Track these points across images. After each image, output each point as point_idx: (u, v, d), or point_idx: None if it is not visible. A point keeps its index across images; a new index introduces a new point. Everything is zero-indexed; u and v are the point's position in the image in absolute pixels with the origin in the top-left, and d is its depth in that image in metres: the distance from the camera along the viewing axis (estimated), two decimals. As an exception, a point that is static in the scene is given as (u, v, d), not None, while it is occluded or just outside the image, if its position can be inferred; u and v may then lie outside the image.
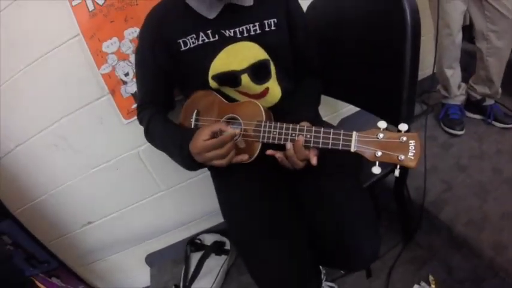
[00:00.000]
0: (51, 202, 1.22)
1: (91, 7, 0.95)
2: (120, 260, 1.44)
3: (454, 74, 1.37)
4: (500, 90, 1.34)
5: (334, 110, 1.46)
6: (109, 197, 1.26)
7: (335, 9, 0.95)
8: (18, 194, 1.18)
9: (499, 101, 1.40)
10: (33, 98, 1.05)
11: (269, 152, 0.68)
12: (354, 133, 0.59)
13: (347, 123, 1.41)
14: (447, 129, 1.40)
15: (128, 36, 1.00)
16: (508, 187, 1.07)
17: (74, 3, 0.94)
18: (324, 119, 0.97)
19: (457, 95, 1.42)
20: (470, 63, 1.37)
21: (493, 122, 1.37)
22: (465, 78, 1.43)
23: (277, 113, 0.76)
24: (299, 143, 0.63)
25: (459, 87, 1.42)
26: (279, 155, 0.68)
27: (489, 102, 1.39)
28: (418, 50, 0.69)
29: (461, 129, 1.37)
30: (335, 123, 1.45)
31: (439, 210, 1.06)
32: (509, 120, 1.35)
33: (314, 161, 0.65)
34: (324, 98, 0.95)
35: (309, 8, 1.04)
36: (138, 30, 0.98)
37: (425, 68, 1.54)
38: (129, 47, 1.01)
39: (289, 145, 0.64)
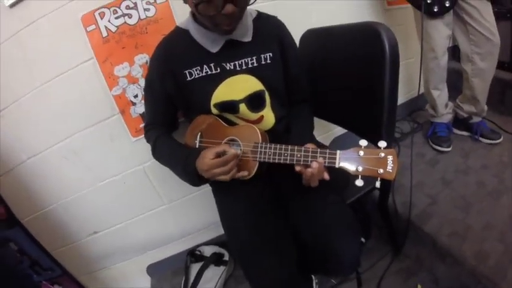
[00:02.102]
0: (60, 212, 1.26)
1: (104, 33, 1.02)
2: (122, 269, 1.47)
3: (440, 95, 1.42)
4: (486, 108, 1.39)
5: (328, 129, 1.54)
6: (115, 209, 1.31)
7: (323, 42, 1.03)
8: (28, 203, 1.22)
9: (487, 117, 1.44)
10: (48, 114, 1.10)
11: (298, 169, 0.72)
12: (338, 152, 0.67)
13: (339, 142, 1.48)
14: (435, 146, 1.45)
15: (138, 62, 1.07)
16: (490, 200, 1.12)
17: (88, 29, 1.01)
18: (318, 138, 1.04)
19: (444, 114, 1.47)
20: (458, 81, 1.41)
21: (480, 139, 1.42)
22: (455, 96, 1.48)
23: (272, 135, 0.83)
24: (321, 164, 0.68)
25: (446, 106, 1.47)
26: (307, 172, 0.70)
27: (476, 119, 1.43)
28: (396, 78, 0.76)
29: (448, 146, 1.41)
30: (328, 141, 1.51)
31: (424, 222, 1.10)
32: (495, 136, 1.39)
33: (326, 176, 0.70)
34: (318, 119, 1.01)
35: (300, 40, 1.12)
36: (147, 56, 1.06)
37: (415, 89, 1.61)
38: (138, 72, 1.08)
39: (315, 164, 0.68)
